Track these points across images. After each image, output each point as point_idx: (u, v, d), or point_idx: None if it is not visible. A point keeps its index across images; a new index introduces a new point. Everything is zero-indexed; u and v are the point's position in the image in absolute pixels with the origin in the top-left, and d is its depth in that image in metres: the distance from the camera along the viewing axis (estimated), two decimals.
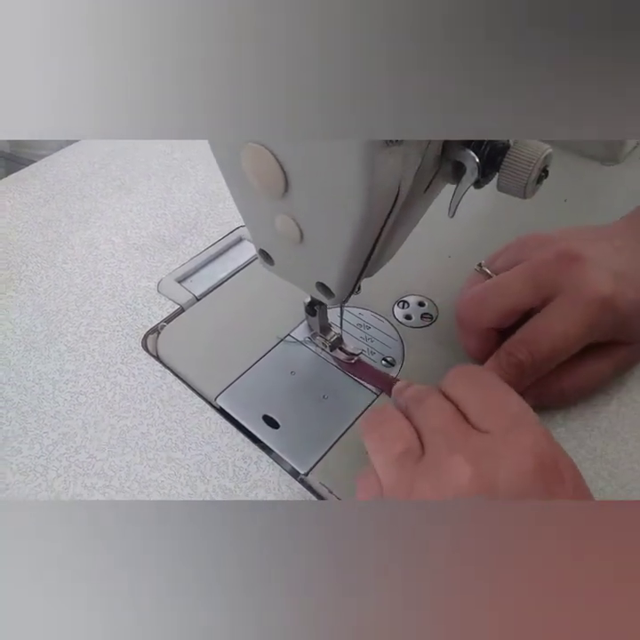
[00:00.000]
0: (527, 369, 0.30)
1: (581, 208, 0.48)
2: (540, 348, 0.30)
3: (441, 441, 0.23)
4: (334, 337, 0.37)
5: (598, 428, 0.33)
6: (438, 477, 0.22)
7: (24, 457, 0.33)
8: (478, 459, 0.22)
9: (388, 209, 0.23)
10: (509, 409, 0.24)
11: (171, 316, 0.41)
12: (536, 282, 0.31)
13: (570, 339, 0.30)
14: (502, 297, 0.32)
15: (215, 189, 0.52)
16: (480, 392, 0.25)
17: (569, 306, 0.30)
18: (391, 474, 0.24)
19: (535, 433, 0.23)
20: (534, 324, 0.31)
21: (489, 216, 0.47)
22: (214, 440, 0.33)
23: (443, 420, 0.24)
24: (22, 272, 0.44)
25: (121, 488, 0.31)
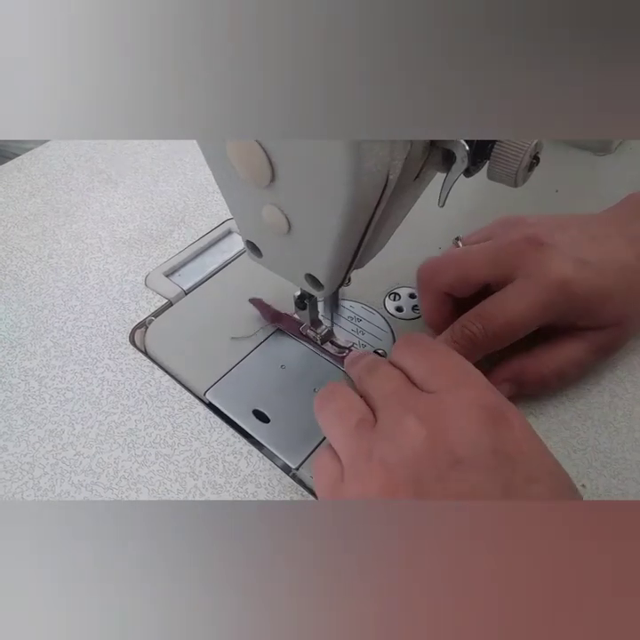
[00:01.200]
0: (479, 342, 0.31)
1: (573, 198, 0.47)
2: (493, 323, 0.31)
3: (393, 405, 0.24)
4: (325, 330, 0.36)
5: (591, 419, 0.33)
6: (395, 439, 0.23)
7: (10, 455, 0.32)
8: (429, 417, 0.23)
9: (377, 198, 0.23)
10: (453, 369, 0.25)
11: (159, 310, 0.40)
12: (497, 258, 0.32)
13: (524, 317, 0.30)
14: (460, 264, 0.33)
15: (203, 182, 0.51)
16: (424, 357, 0.26)
17: (527, 287, 0.31)
18: (350, 445, 0.24)
19: (479, 387, 0.24)
20: (491, 301, 0.31)
21: (479, 206, 0.47)
22: (204, 435, 0.33)
23: (393, 386, 0.25)
24: (7, 267, 0.44)
25: (109, 485, 0.31)
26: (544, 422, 0.33)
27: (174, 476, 0.31)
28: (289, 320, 0.38)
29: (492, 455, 0.21)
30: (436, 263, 0.35)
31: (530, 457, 0.22)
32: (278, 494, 0.30)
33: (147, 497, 0.30)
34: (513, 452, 0.22)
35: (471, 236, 0.37)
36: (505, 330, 0.31)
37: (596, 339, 0.32)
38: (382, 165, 0.21)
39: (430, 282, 0.34)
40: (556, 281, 0.30)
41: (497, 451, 0.22)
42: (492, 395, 0.24)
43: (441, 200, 0.26)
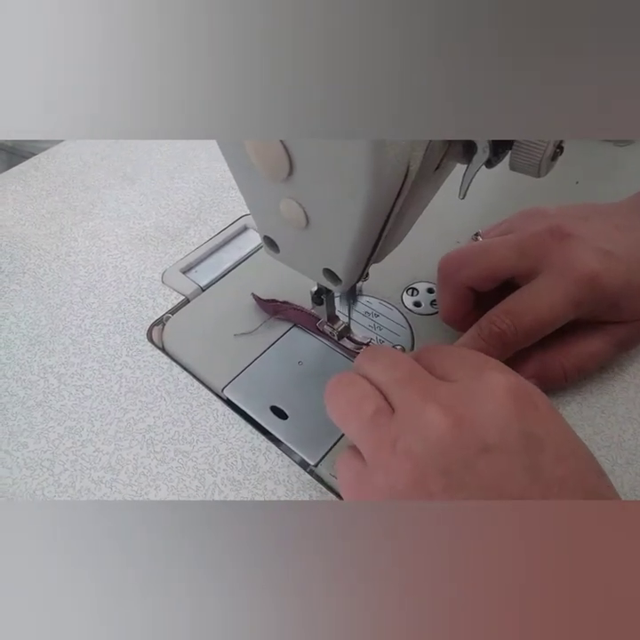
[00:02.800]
0: (509, 340, 0.30)
1: (594, 190, 0.47)
2: (523, 320, 0.30)
3: (410, 392, 0.23)
4: (342, 326, 0.36)
5: (615, 415, 0.32)
6: (419, 430, 0.22)
7: (30, 452, 0.32)
8: (453, 404, 0.22)
9: (397, 189, 0.22)
10: (472, 361, 0.24)
11: (176, 307, 0.40)
12: (522, 251, 0.31)
13: (555, 312, 0.30)
14: (485, 256, 0.32)
15: (219, 178, 0.51)
16: (440, 352, 0.25)
17: (555, 281, 0.30)
18: (369, 437, 0.23)
19: (503, 372, 0.23)
20: (519, 296, 0.31)
21: (501, 198, 0.46)
22: (222, 432, 0.33)
23: (404, 372, 0.24)
24: (25, 265, 0.44)
25: (128, 481, 0.31)
26: (567, 419, 0.32)
27: (193, 473, 0.31)
28: (292, 310, 0.37)
29: (520, 438, 0.21)
30: (458, 256, 0.34)
31: (556, 436, 0.22)
32: (297, 491, 0.30)
33: (165, 494, 0.30)
34: (540, 432, 0.21)
35: (490, 230, 0.37)
36: (535, 326, 0.30)
37: (617, 332, 0.32)
38: (403, 156, 0.21)
39: (452, 275, 0.33)
40: (585, 275, 0.29)
41: (525, 433, 0.21)
42: (514, 378, 0.23)
43: (462, 192, 0.25)
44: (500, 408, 0.22)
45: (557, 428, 0.22)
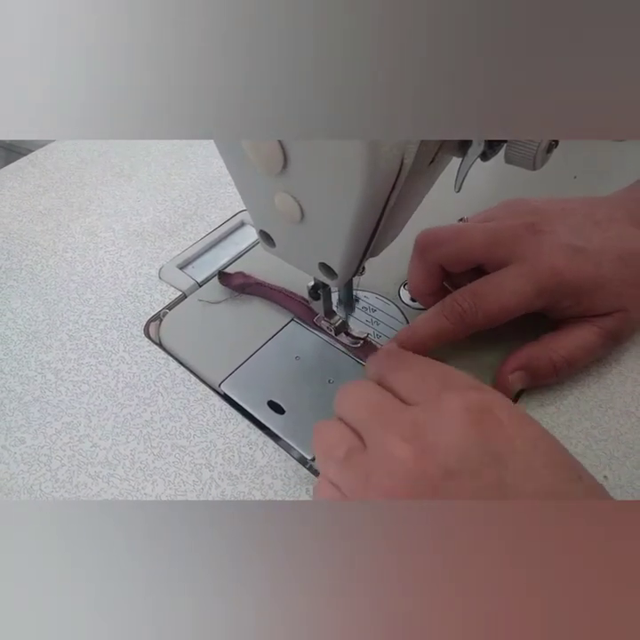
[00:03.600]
0: (469, 319, 0.31)
1: (591, 185, 0.46)
2: (485, 302, 0.31)
3: (375, 427, 0.24)
4: (339, 321, 0.36)
5: (612, 409, 0.32)
6: (385, 464, 0.22)
7: (27, 447, 0.32)
8: (414, 433, 0.22)
9: (392, 183, 0.22)
10: (432, 377, 0.25)
11: (173, 302, 0.40)
12: (496, 239, 0.32)
13: (517, 299, 0.31)
14: (460, 238, 0.33)
15: (216, 174, 0.51)
16: (401, 369, 0.26)
17: (522, 271, 0.31)
18: (344, 477, 0.24)
19: (461, 389, 0.24)
20: (485, 280, 0.32)
21: (497, 191, 0.46)
22: (219, 427, 0.33)
23: (370, 408, 0.25)
24: (23, 261, 0.44)
25: (125, 476, 0.31)
26: (565, 413, 0.32)
27: (190, 468, 0.31)
28: (257, 285, 0.39)
29: (482, 458, 0.21)
30: (435, 233, 0.34)
31: (523, 452, 0.22)
32: (294, 485, 0.30)
33: (162, 488, 0.30)
34: (503, 450, 0.21)
35: (476, 216, 0.37)
36: (495, 310, 0.31)
37: (603, 324, 0.32)
38: (397, 149, 0.21)
39: (426, 250, 0.34)
40: (549, 268, 0.31)
41: (487, 452, 0.21)
42: (476, 394, 0.23)
43: (457, 185, 0.25)
44: (460, 431, 0.22)
45: (525, 444, 0.22)
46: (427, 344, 0.32)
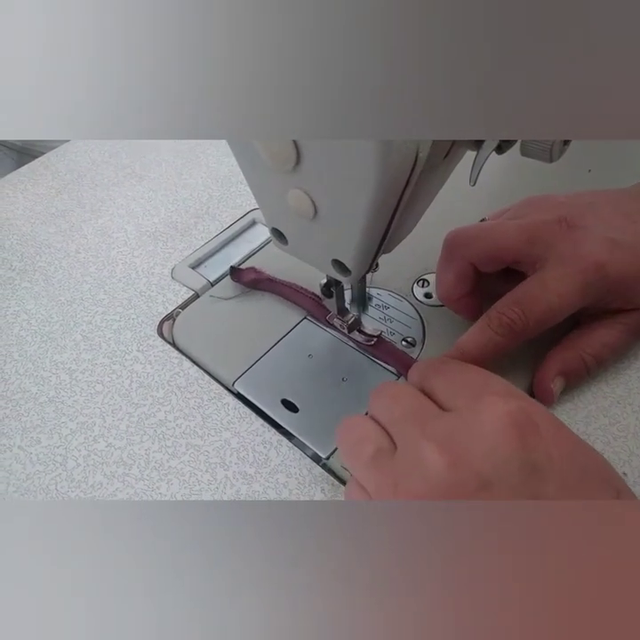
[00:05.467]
0: (519, 329, 0.30)
1: (606, 178, 0.46)
2: (533, 309, 0.29)
3: (409, 429, 0.23)
4: (352, 319, 0.36)
5: (631, 405, 0.32)
6: (418, 470, 0.22)
7: (43, 447, 0.33)
8: (450, 439, 0.22)
9: (406, 178, 0.22)
10: (470, 382, 0.25)
11: (186, 302, 0.40)
12: (531, 236, 0.31)
13: (564, 301, 0.29)
14: (494, 236, 0.32)
15: (227, 173, 0.51)
16: (440, 374, 0.26)
17: (563, 270, 0.30)
18: (370, 478, 0.23)
19: (500, 395, 0.23)
20: (527, 286, 0.30)
21: (513, 185, 0.45)
22: (233, 426, 0.33)
23: (404, 409, 0.24)
24: (36, 263, 0.44)
25: (140, 476, 0.31)
26: (582, 409, 0.32)
27: (205, 467, 0.31)
28: (269, 281, 0.39)
29: (520, 470, 0.21)
30: (465, 232, 0.33)
31: (561, 463, 0.21)
32: (309, 484, 0.30)
33: (177, 488, 0.30)
34: (542, 460, 0.21)
35: (497, 215, 0.36)
36: (545, 315, 0.30)
37: (629, 320, 0.31)
38: (411, 143, 0.20)
39: (458, 250, 0.33)
40: (592, 264, 0.29)
41: (525, 464, 0.21)
42: (514, 401, 0.22)
43: (472, 179, 0.25)
44: (498, 440, 0.21)
45: (562, 452, 0.21)
46: (478, 362, 0.30)
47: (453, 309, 0.35)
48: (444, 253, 0.34)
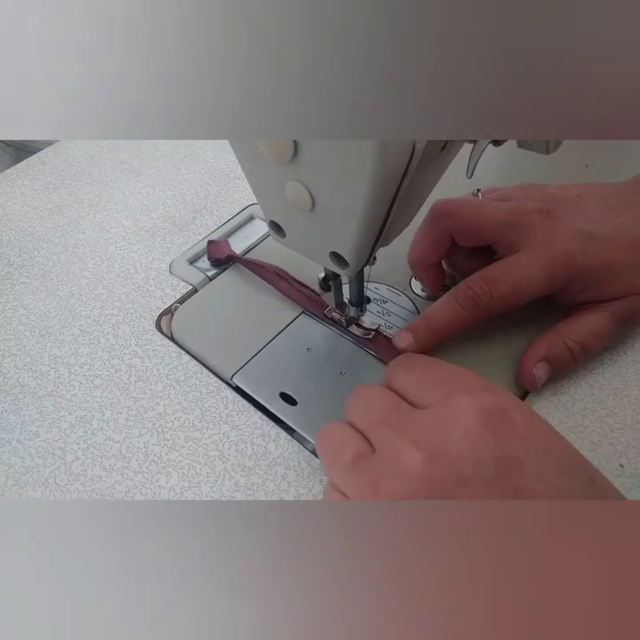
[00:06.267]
0: (483, 304, 0.31)
1: (603, 173, 0.46)
2: (499, 287, 0.31)
3: (385, 431, 0.23)
4: (350, 313, 0.36)
5: (627, 397, 0.32)
6: (395, 470, 0.22)
7: (42, 440, 0.33)
8: (424, 437, 0.22)
9: (403, 169, 0.22)
10: (443, 378, 0.25)
11: (184, 296, 0.40)
12: (511, 220, 0.32)
13: (530, 283, 0.31)
14: (478, 212, 0.33)
15: (224, 168, 0.51)
16: (412, 371, 0.26)
17: (534, 255, 0.31)
18: (351, 482, 0.23)
19: (473, 391, 0.23)
20: (498, 265, 0.32)
21: (509, 177, 0.45)
22: (232, 419, 0.33)
23: (380, 411, 0.24)
24: (34, 258, 0.44)
25: (139, 469, 0.31)
26: (579, 401, 0.32)
27: (203, 460, 0.31)
28: (243, 261, 0.40)
29: (496, 464, 0.21)
30: (452, 203, 0.34)
31: (536, 454, 0.21)
32: (307, 476, 0.30)
33: (176, 481, 0.30)
34: (517, 453, 0.21)
35: (491, 191, 0.37)
36: (510, 294, 0.31)
37: (613, 308, 0.32)
38: None
39: (442, 219, 0.34)
40: (561, 253, 0.31)
41: (500, 458, 0.21)
42: (488, 395, 0.23)
43: (469, 171, 0.25)
44: (472, 435, 0.21)
45: (538, 445, 0.21)
46: (442, 333, 0.32)
47: (418, 275, 0.37)
48: (428, 219, 0.35)
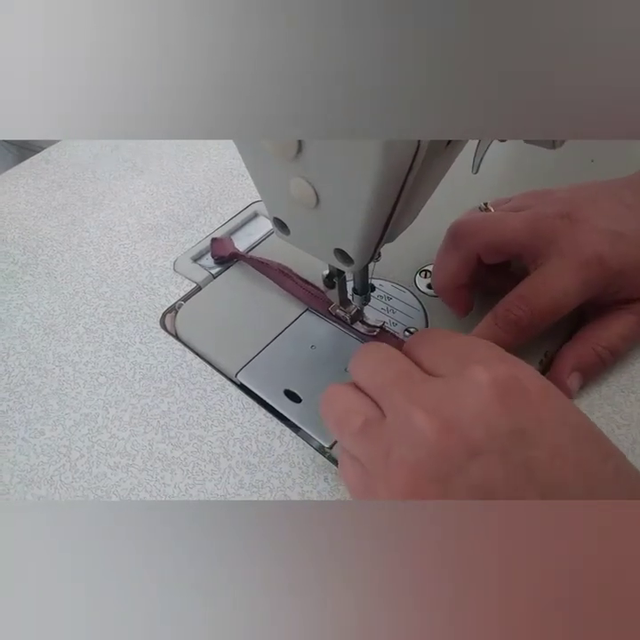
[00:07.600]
0: (525, 325, 0.30)
1: (609, 168, 0.46)
2: (538, 304, 0.30)
3: (396, 396, 0.22)
4: (354, 309, 0.36)
5: (635, 393, 0.32)
6: (408, 438, 0.21)
7: (47, 438, 0.33)
8: (438, 407, 0.21)
9: (408, 165, 0.22)
10: (457, 348, 0.24)
11: (188, 294, 0.40)
12: (534, 230, 0.31)
13: (568, 294, 0.30)
14: (500, 226, 0.32)
15: (228, 166, 0.51)
16: (429, 341, 0.25)
17: (565, 264, 0.30)
18: (362, 449, 0.23)
19: (485, 361, 0.22)
20: (531, 281, 0.31)
21: (515, 173, 0.45)
22: (236, 416, 0.33)
23: (390, 375, 0.23)
24: (39, 256, 0.44)
25: (144, 466, 0.31)
26: (586, 398, 0.32)
27: (208, 457, 0.31)
28: (246, 258, 0.40)
29: (509, 436, 0.20)
30: (472, 221, 0.33)
31: (551, 427, 0.21)
32: (312, 473, 0.30)
33: (181, 478, 0.30)
34: (532, 425, 0.21)
35: (499, 203, 0.36)
36: (550, 309, 0.30)
37: (638, 310, 0.31)
38: None
39: (464, 239, 0.33)
40: (593, 257, 0.30)
41: (514, 430, 0.20)
42: (503, 365, 0.22)
43: (474, 167, 0.25)
44: (486, 406, 0.21)
45: (552, 415, 0.21)
46: None
47: (447, 300, 0.35)
48: (449, 241, 0.34)
